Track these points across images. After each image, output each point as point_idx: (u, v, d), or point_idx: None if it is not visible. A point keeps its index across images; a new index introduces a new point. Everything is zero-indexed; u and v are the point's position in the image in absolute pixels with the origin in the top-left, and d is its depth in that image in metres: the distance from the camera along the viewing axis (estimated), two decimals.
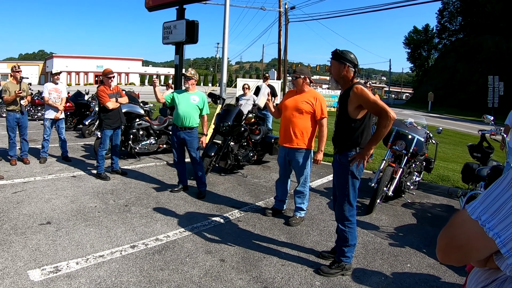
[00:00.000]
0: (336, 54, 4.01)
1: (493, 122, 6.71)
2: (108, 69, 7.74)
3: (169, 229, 5.17)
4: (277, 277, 4.04)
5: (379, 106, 3.79)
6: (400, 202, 6.95)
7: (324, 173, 8.84)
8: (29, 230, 4.84)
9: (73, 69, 77.52)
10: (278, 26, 32.75)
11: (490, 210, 1.01)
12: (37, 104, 16.06)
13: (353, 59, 3.99)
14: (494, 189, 1.04)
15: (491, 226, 0.99)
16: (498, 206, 1.00)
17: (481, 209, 1.03)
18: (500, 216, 0.98)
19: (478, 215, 1.02)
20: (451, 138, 19.52)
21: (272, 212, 5.93)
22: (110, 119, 7.57)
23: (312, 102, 5.38)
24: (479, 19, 55.30)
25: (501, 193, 1.02)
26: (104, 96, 7.43)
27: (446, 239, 1.11)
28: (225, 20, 12.62)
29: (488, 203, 1.03)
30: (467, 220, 1.05)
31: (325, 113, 5.45)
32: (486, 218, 1.00)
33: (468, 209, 1.07)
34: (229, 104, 9.31)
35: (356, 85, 3.90)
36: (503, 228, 0.97)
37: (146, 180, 7.55)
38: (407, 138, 6.66)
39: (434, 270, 4.39)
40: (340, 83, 4.09)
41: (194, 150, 6.75)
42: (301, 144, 5.42)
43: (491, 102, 35.92)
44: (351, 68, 3.98)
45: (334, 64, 4.04)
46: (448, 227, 1.11)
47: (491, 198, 1.03)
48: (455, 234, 1.08)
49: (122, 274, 3.89)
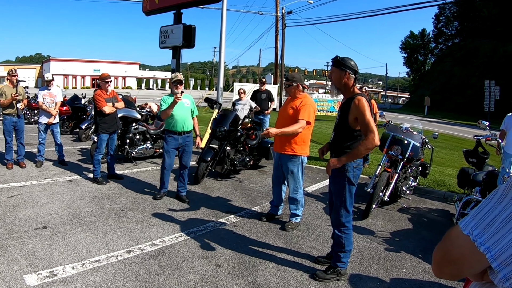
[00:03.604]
0: (337, 61, 4.02)
1: (489, 128, 6.74)
2: (106, 74, 7.75)
3: (165, 234, 5.17)
4: (272, 282, 4.04)
5: (369, 128, 3.81)
6: (396, 207, 6.97)
7: (320, 178, 8.85)
8: (25, 235, 4.83)
9: (70, 72, 77.52)
10: (275, 31, 32.94)
11: (482, 225, 1.02)
12: (33, 108, 16.03)
13: (353, 66, 4.00)
14: (485, 204, 1.06)
15: (482, 241, 0.99)
16: (489, 221, 1.01)
17: (472, 224, 1.04)
18: (491, 231, 0.99)
19: (470, 230, 1.03)
20: (447, 142, 19.56)
21: (268, 217, 5.94)
22: (106, 124, 7.56)
23: (296, 106, 5.36)
24: (476, 24, 55.47)
25: (492, 208, 1.02)
26: (101, 101, 7.42)
27: (440, 254, 1.12)
28: (222, 25, 12.66)
29: (479, 218, 1.04)
30: (460, 236, 1.06)
31: (303, 115, 5.25)
32: (478, 233, 1.01)
33: (461, 224, 1.08)
34: (226, 109, 9.36)
35: (358, 96, 3.92)
36: (494, 242, 0.98)
37: (142, 185, 7.55)
38: (403, 143, 6.69)
39: (429, 275, 4.40)
40: (340, 90, 4.10)
41: (189, 154, 6.79)
42: (289, 150, 5.41)
43: (487, 107, 36.04)
44: (351, 75, 3.99)
45: (335, 71, 4.05)
46: (442, 242, 1.12)
47: (483, 213, 1.04)
48: (448, 249, 1.09)
49: (118, 279, 3.89)
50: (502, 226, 0.98)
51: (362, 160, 4.14)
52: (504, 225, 0.97)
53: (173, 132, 6.61)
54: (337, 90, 4.12)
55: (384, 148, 6.85)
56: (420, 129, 7.47)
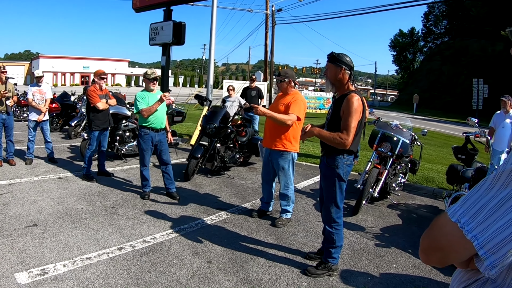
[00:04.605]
0: (333, 57, 4.03)
1: (477, 125, 6.81)
2: (101, 70, 7.79)
3: (156, 230, 5.17)
4: (264, 278, 4.06)
5: (348, 127, 3.85)
6: (386, 203, 7.02)
7: (310, 175, 8.89)
8: (15, 233, 4.80)
9: (59, 69, 76.75)
10: (265, 28, 32.83)
11: (470, 213, 1.03)
12: (22, 105, 15.89)
13: (349, 62, 4.01)
14: (474, 193, 1.06)
15: (469, 229, 1.00)
16: (477, 209, 1.02)
17: (460, 212, 1.05)
18: (479, 219, 1.00)
19: (457, 218, 1.04)
20: (436, 139, 19.69)
21: (259, 214, 5.96)
22: (99, 120, 7.56)
23: (287, 102, 5.38)
24: (465, 23, 55.87)
25: (481, 196, 1.03)
26: (94, 96, 7.40)
27: (428, 241, 1.13)
28: (212, 22, 12.65)
29: (467, 206, 1.04)
30: (447, 223, 1.07)
31: (294, 110, 5.28)
32: (465, 220, 1.02)
33: (449, 212, 1.08)
34: (216, 106, 9.33)
35: (352, 93, 3.94)
36: (481, 230, 0.99)
37: (132, 182, 7.54)
38: (392, 140, 6.73)
39: (419, 270, 4.45)
40: (336, 85, 4.11)
41: (168, 150, 6.80)
42: (280, 146, 5.43)
43: (476, 105, 36.29)
44: (347, 71, 4.00)
45: (330, 67, 4.05)
46: (429, 230, 1.13)
47: (471, 202, 1.05)
48: (435, 236, 1.10)
49: (109, 276, 3.89)
50: (489, 214, 0.99)
51: (352, 157, 4.16)
52: (492, 214, 0.99)
53: (151, 129, 6.54)
54: (332, 86, 4.14)
55: (374, 144, 6.90)
56: (410, 126, 7.53)
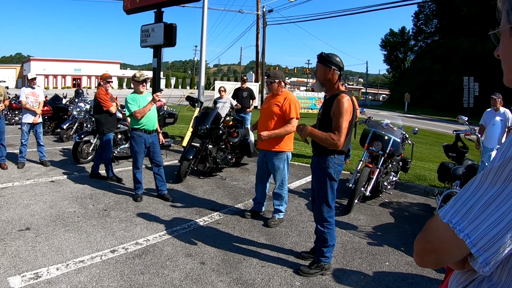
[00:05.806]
0: (322, 57, 4.05)
1: (468, 123, 6.85)
2: (107, 74, 7.93)
3: (149, 233, 5.17)
4: (257, 278, 4.08)
5: (339, 128, 3.86)
6: (378, 201, 7.06)
7: (302, 175, 8.92)
8: (8, 237, 4.78)
9: (51, 72, 76.37)
10: (256, 29, 32.89)
11: (460, 212, 1.04)
12: (14, 108, 15.78)
13: (338, 62, 4.03)
14: (463, 193, 1.08)
15: (461, 228, 1.01)
16: (467, 208, 1.03)
17: (451, 212, 1.06)
18: (470, 217, 1.01)
19: (449, 218, 1.05)
20: (427, 138, 19.79)
21: (251, 214, 5.98)
22: (111, 123, 7.75)
23: (281, 103, 5.41)
24: (455, 22, 56.15)
25: (471, 195, 1.04)
26: (107, 100, 7.49)
27: (421, 244, 1.14)
28: (203, 23, 12.65)
29: (458, 206, 1.06)
30: (439, 224, 1.08)
31: (293, 114, 5.37)
32: (457, 220, 1.03)
33: (440, 213, 1.09)
34: (207, 107, 9.33)
35: (342, 93, 3.96)
36: (473, 229, 1.00)
37: (124, 184, 7.53)
38: (383, 139, 6.77)
39: (412, 267, 4.48)
40: (325, 85, 4.13)
41: (160, 152, 6.81)
42: (275, 147, 5.46)
43: (467, 103, 36.45)
44: (336, 71, 4.02)
45: (320, 67, 4.07)
46: (422, 233, 1.14)
47: (461, 201, 1.06)
48: (428, 239, 1.11)
49: (102, 279, 3.89)
50: (480, 212, 1.00)
51: (343, 157, 4.19)
52: (483, 212, 1.00)
53: (144, 131, 6.54)
54: (322, 86, 4.16)
55: (365, 144, 6.94)
56: (401, 125, 7.57)
